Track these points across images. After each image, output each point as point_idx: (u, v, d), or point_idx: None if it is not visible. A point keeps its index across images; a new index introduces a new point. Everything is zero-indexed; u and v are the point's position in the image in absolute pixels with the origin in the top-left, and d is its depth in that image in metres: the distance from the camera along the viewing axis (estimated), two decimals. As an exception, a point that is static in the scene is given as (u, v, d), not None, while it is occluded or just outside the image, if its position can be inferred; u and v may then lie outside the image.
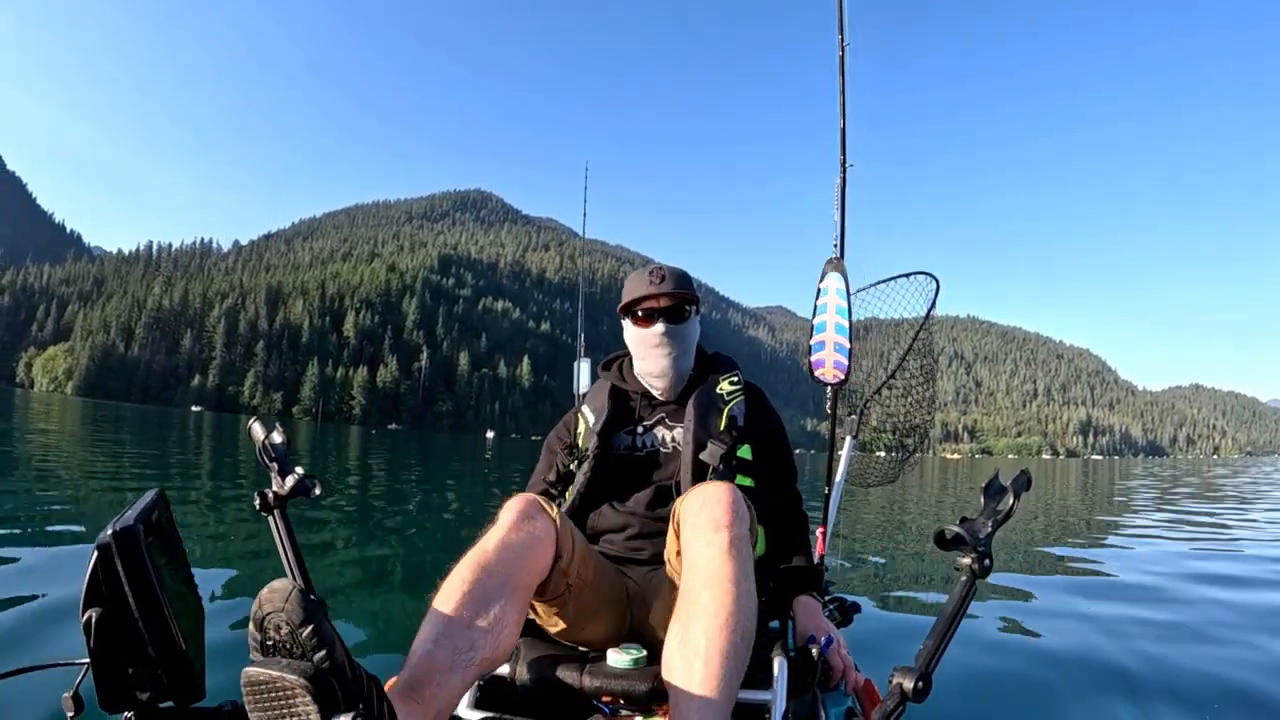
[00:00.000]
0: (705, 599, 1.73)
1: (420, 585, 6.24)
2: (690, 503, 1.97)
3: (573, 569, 1.98)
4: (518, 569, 1.79)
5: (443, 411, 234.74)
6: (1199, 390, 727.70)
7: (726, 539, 1.82)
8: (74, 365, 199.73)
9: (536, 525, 1.89)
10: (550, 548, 1.91)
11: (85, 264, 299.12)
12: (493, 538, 1.83)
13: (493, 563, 1.75)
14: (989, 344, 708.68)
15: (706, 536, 1.84)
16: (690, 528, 1.91)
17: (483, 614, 1.65)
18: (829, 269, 3.69)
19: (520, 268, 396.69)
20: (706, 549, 1.81)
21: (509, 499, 1.98)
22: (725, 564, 1.78)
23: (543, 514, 1.94)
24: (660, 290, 2.47)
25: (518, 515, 1.89)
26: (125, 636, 1.10)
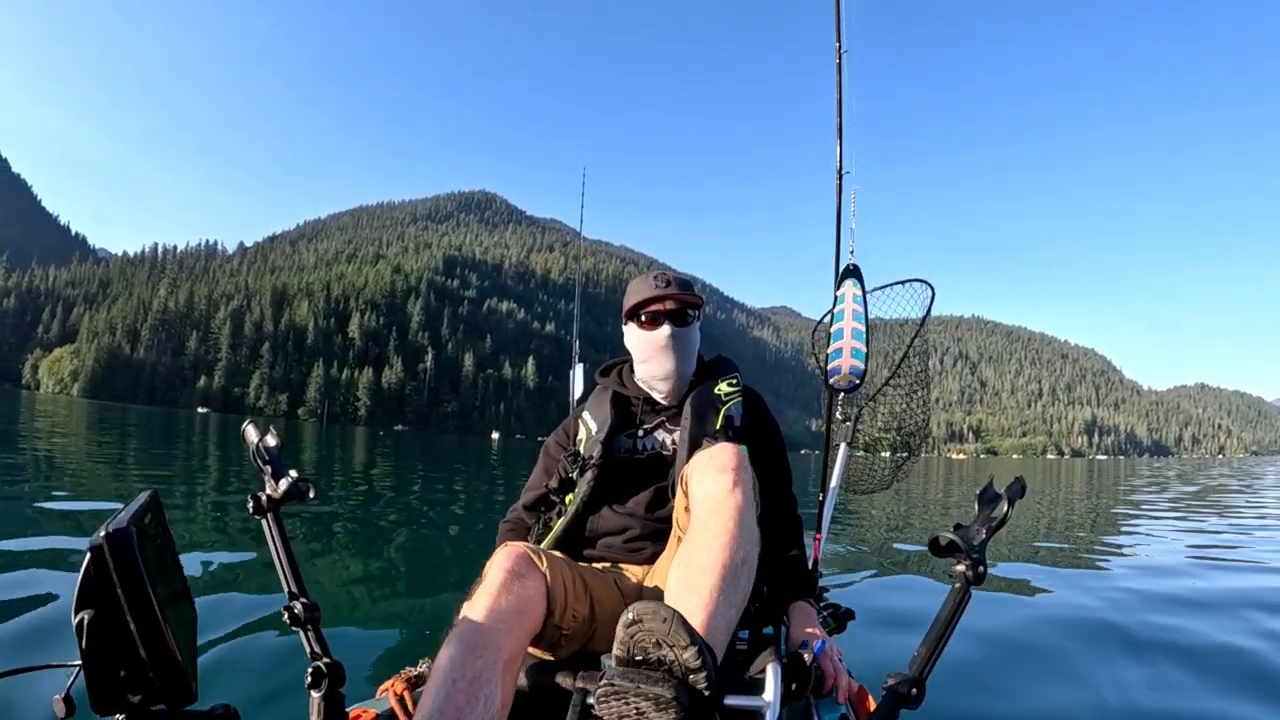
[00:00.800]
0: (710, 524, 1.80)
1: (426, 588, 6.35)
2: (699, 456, 2.07)
3: (566, 617, 1.97)
4: (506, 639, 1.76)
5: (448, 412, 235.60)
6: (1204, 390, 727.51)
7: (732, 479, 1.90)
8: (80, 367, 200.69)
9: (526, 585, 1.87)
10: (541, 606, 1.89)
11: (90, 266, 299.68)
12: (480, 605, 1.79)
13: (479, 641, 1.72)
14: (994, 344, 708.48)
15: (713, 477, 1.92)
16: (698, 473, 1.99)
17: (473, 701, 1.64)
18: (845, 275, 3.74)
19: (525, 269, 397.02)
20: (713, 486, 1.90)
21: (498, 551, 1.96)
22: (729, 497, 1.85)
23: (532, 570, 1.92)
24: (667, 293, 2.49)
25: (506, 575, 1.86)
26: (117, 639, 1.10)
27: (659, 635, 1.41)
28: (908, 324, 3.97)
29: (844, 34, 3.98)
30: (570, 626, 1.99)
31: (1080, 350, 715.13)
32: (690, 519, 1.94)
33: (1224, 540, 10.19)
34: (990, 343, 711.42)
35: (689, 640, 1.39)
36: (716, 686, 1.39)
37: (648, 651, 1.42)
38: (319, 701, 1.63)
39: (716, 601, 1.68)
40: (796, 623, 2.26)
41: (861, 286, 3.71)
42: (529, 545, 2.03)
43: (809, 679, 1.98)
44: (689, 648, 1.38)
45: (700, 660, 1.38)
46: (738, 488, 1.89)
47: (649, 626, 1.41)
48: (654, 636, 1.41)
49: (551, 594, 1.92)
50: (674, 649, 1.40)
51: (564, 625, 1.96)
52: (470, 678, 1.66)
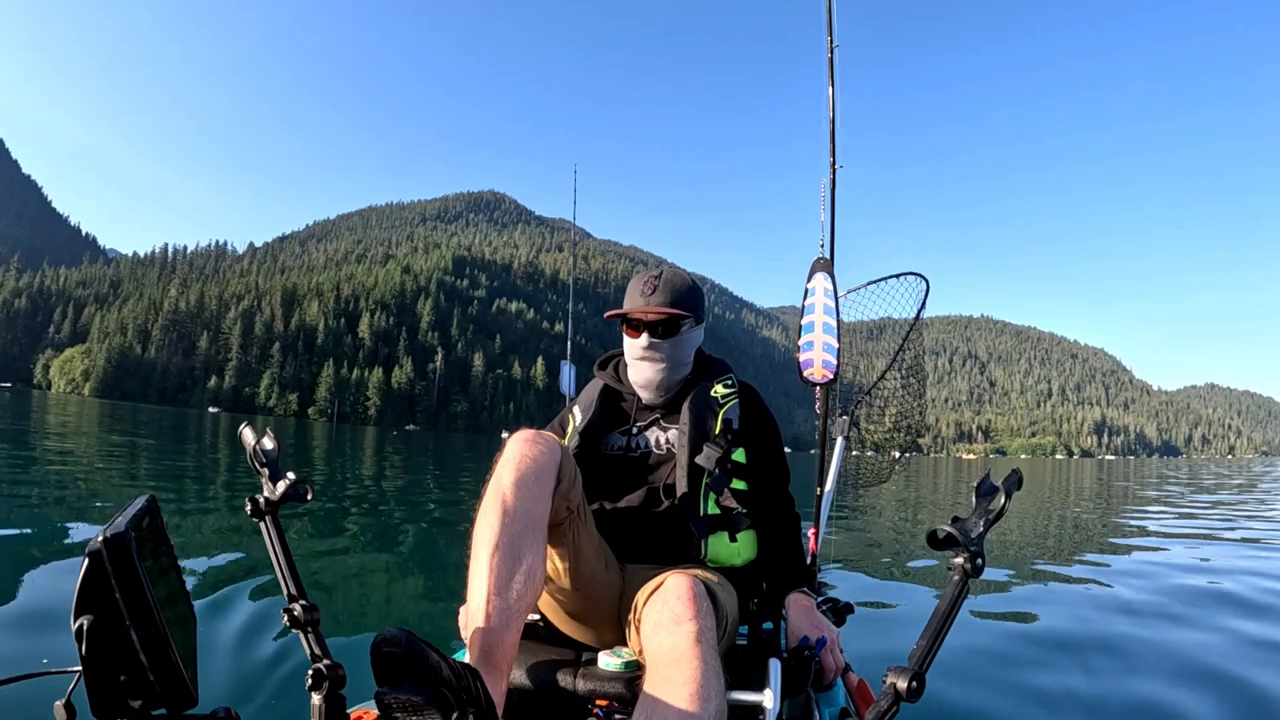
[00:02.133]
0: (673, 675, 1.68)
1: (428, 588, 6.55)
2: (651, 601, 1.94)
3: (573, 493, 2.01)
4: (535, 503, 1.83)
5: (457, 412, 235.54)
6: (1214, 390, 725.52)
7: (692, 630, 1.77)
8: (91, 367, 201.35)
9: (540, 449, 1.93)
10: (554, 469, 1.94)
11: (101, 267, 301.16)
12: (506, 475, 1.87)
13: (513, 505, 1.81)
14: (1003, 344, 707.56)
15: (669, 630, 1.80)
16: (652, 624, 1.87)
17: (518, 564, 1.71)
18: (816, 269, 3.74)
19: (534, 269, 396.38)
20: (670, 639, 1.78)
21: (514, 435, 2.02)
22: (692, 649, 1.73)
23: (544, 437, 1.99)
24: (649, 306, 2.44)
25: (524, 444, 1.94)
26: (117, 644, 1.10)
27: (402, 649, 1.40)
28: (902, 320, 4.07)
29: (836, 31, 4.12)
30: (575, 506, 2.03)
31: (1090, 350, 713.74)
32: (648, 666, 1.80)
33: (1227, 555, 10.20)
34: (999, 342, 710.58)
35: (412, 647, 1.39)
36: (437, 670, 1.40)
37: None
38: (319, 703, 1.64)
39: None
40: (796, 617, 2.25)
41: (832, 280, 3.70)
42: None
43: (809, 673, 1.98)
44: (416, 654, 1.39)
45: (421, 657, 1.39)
46: (699, 639, 1.75)
47: None
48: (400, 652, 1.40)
49: (563, 463, 1.97)
50: None
51: (570, 499, 2.00)
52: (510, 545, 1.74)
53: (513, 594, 1.72)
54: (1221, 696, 4.07)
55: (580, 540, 2.07)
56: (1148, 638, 5.32)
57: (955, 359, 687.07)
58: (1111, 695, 4.07)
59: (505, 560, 1.73)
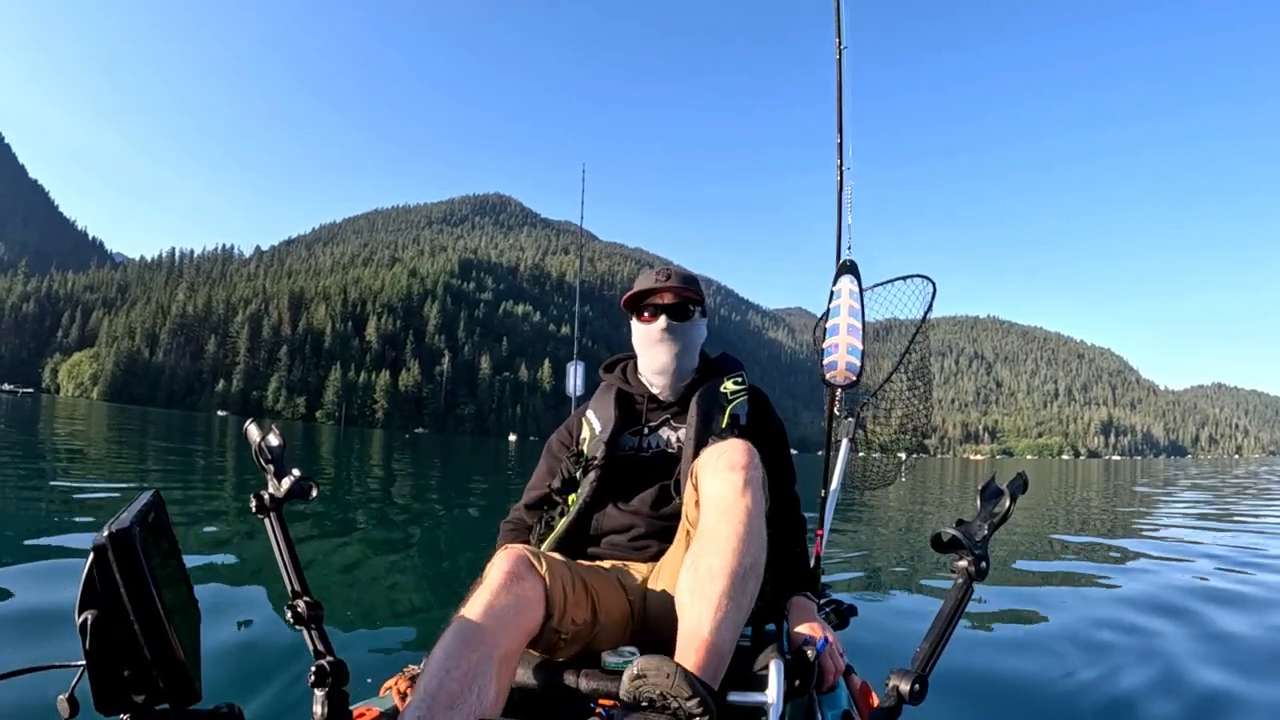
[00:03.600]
0: (720, 528, 1.82)
1: (430, 587, 6.62)
2: (709, 451, 2.08)
3: (565, 621, 1.97)
4: (504, 637, 1.77)
5: (464, 415, 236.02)
6: (1221, 389, 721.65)
7: (742, 478, 1.90)
8: (100, 371, 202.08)
9: (525, 587, 1.88)
10: (540, 608, 1.90)
11: (109, 271, 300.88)
12: (479, 602, 1.81)
13: (476, 635, 1.73)
14: (1009, 344, 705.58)
15: (723, 475, 1.92)
16: (708, 471, 1.99)
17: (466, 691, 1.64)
18: (842, 271, 3.76)
19: (540, 271, 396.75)
20: (722, 485, 1.90)
21: (498, 554, 1.98)
22: (739, 499, 1.86)
23: (532, 573, 1.93)
24: (665, 286, 2.51)
25: (505, 577, 1.88)
26: (121, 638, 1.10)
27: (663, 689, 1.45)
28: (908, 323, 4.09)
29: (844, 33, 4.08)
30: (569, 630, 1.98)
31: (1096, 350, 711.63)
32: (700, 517, 1.94)
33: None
34: (1006, 343, 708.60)
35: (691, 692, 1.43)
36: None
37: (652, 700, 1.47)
38: (322, 700, 1.64)
39: (724, 609, 1.72)
40: (799, 619, 2.26)
41: (858, 283, 3.72)
42: (529, 548, 2.03)
43: (812, 675, 1.98)
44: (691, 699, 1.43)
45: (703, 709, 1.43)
46: (748, 489, 1.89)
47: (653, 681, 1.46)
48: (658, 689, 1.46)
49: (550, 598, 1.92)
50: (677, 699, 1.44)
51: (562, 629, 1.96)
52: (465, 669, 1.65)
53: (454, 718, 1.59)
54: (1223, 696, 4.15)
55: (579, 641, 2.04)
56: (1151, 638, 5.36)
57: (962, 359, 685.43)
58: (1114, 697, 4.11)
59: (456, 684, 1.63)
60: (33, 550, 6.33)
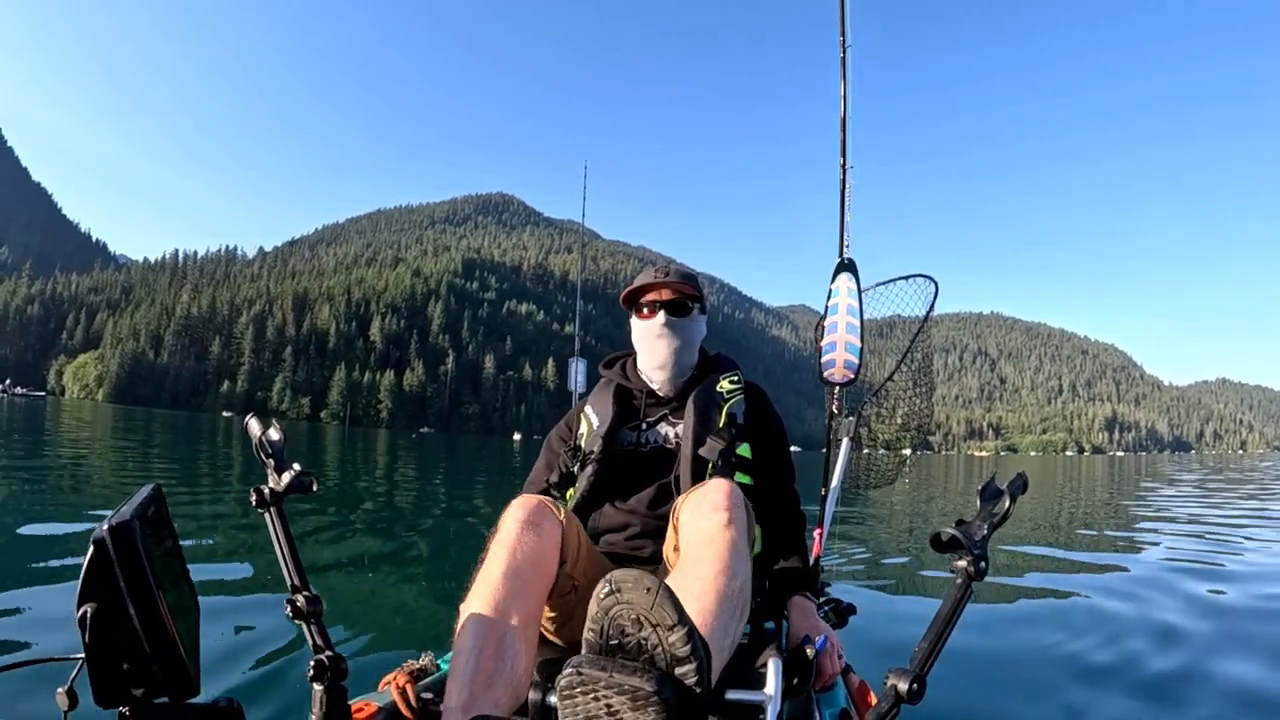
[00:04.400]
0: (703, 554, 1.75)
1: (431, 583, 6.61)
2: (689, 495, 2.01)
3: (578, 570, 1.99)
4: (526, 597, 1.79)
5: (469, 414, 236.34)
6: (1226, 384, 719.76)
7: (725, 517, 1.84)
8: (104, 372, 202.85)
9: (542, 532, 1.89)
10: (555, 555, 1.91)
11: (112, 273, 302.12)
12: (497, 562, 1.83)
13: (500, 603, 1.75)
14: (1013, 340, 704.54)
15: (705, 516, 1.86)
16: (689, 512, 1.93)
17: (503, 667, 1.65)
18: (840, 270, 3.82)
19: (543, 270, 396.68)
20: (704, 522, 1.84)
21: (514, 502, 1.99)
22: (723, 531, 1.80)
23: (549, 517, 1.94)
24: (664, 282, 2.53)
25: (522, 525, 1.89)
26: (120, 631, 1.10)
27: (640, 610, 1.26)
28: (910, 322, 4.13)
29: (848, 31, 4.13)
30: (581, 580, 2.00)
31: (1100, 346, 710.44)
32: (680, 554, 1.88)
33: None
34: (1010, 339, 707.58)
35: (675, 619, 1.24)
36: (708, 681, 1.27)
37: (625, 631, 1.27)
38: (321, 694, 1.64)
39: (712, 628, 1.58)
40: (797, 617, 2.26)
41: (856, 281, 3.78)
42: (542, 496, 2.07)
43: (810, 673, 1.98)
44: (675, 628, 1.24)
45: (689, 646, 1.24)
46: (731, 525, 1.83)
47: (628, 598, 1.27)
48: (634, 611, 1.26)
49: (565, 541, 1.95)
50: (657, 629, 1.25)
51: (575, 575, 1.98)
52: (494, 643, 1.67)
53: (495, 694, 1.64)
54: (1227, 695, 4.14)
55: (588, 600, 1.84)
56: (1156, 635, 5.36)
57: (965, 356, 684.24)
58: (1117, 695, 4.11)
59: (490, 661, 1.66)
60: (34, 549, 6.40)
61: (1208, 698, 4.10)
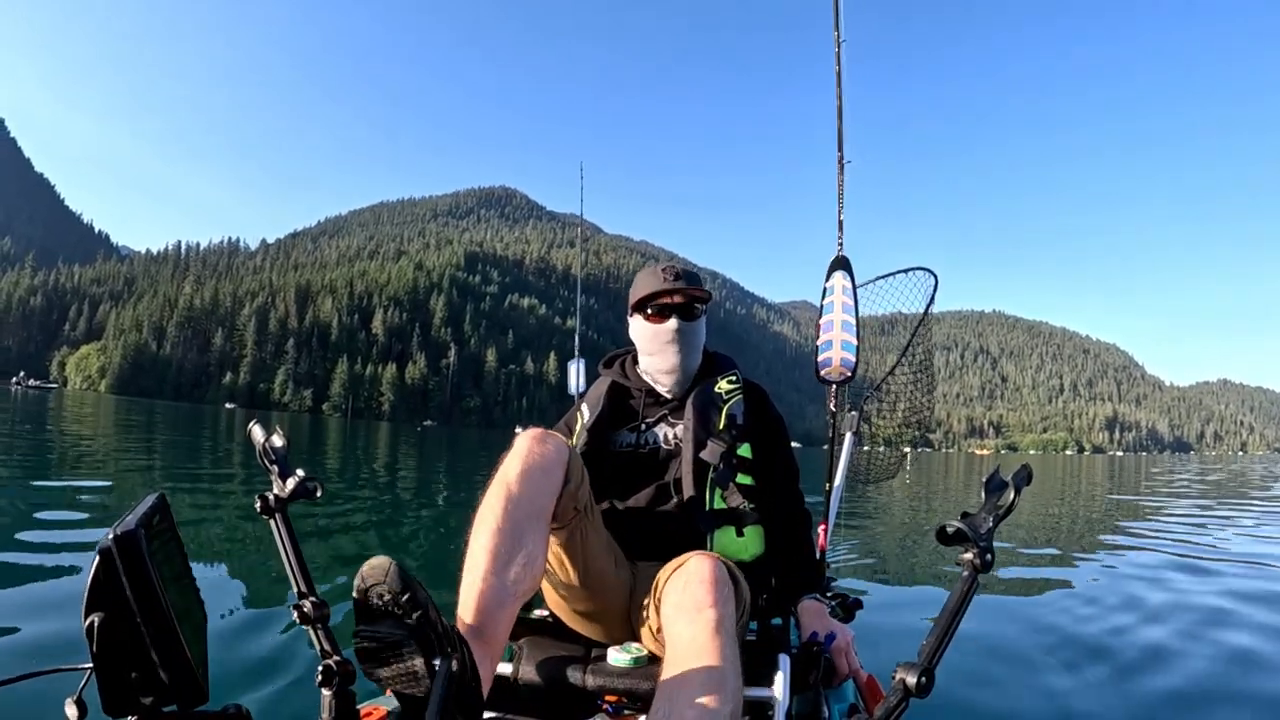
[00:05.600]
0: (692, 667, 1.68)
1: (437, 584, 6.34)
2: (673, 582, 1.93)
3: (581, 493, 2.03)
4: (539, 494, 1.86)
5: (471, 408, 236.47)
6: (1227, 385, 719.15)
7: (712, 618, 1.77)
8: (107, 364, 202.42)
9: (549, 448, 1.96)
10: (561, 468, 1.96)
11: (115, 264, 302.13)
12: (513, 467, 1.90)
13: (517, 494, 1.83)
14: (1015, 339, 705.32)
15: (689, 616, 1.79)
16: (672, 607, 1.86)
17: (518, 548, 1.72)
18: (835, 267, 3.79)
19: (546, 264, 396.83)
20: (690, 627, 1.77)
21: (522, 433, 2.04)
22: (711, 641, 1.73)
23: (553, 437, 2.02)
24: (675, 287, 2.49)
25: (533, 440, 1.97)
26: (128, 641, 1.11)
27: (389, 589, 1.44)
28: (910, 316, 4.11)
29: (843, 25, 4.07)
30: (582, 506, 2.05)
31: (1102, 345, 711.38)
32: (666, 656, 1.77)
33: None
34: (1011, 338, 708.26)
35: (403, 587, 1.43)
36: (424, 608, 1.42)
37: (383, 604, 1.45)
38: (329, 699, 1.65)
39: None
40: (805, 614, 2.28)
41: (851, 278, 3.76)
42: None
43: (818, 669, 1.99)
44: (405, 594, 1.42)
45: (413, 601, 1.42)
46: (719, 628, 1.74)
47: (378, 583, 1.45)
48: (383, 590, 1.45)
49: (571, 463, 2.01)
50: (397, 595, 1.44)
51: (577, 498, 2.02)
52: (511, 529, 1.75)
53: (510, 575, 1.72)
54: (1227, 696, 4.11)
55: (588, 539, 2.10)
56: (1158, 634, 5.30)
57: (967, 354, 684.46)
58: (1122, 690, 4.08)
59: (505, 543, 1.74)
60: (36, 550, 6.32)
61: (1210, 693, 4.11)
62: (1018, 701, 3.85)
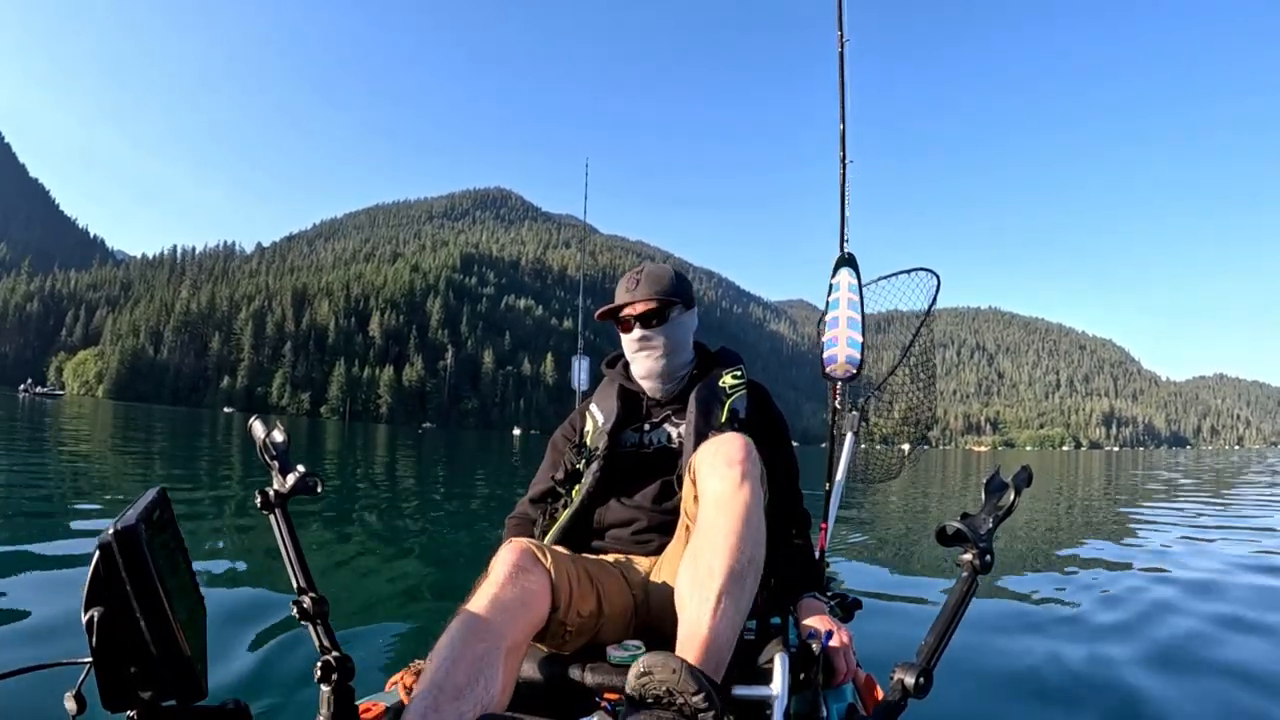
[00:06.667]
0: (718, 524, 1.81)
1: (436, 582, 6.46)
2: (706, 447, 2.06)
3: (571, 614, 1.98)
4: (510, 628, 1.77)
5: (468, 409, 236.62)
6: (1223, 380, 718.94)
7: (739, 472, 1.90)
8: (104, 369, 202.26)
9: (531, 579, 1.89)
10: (545, 601, 1.90)
11: (111, 269, 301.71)
12: (484, 595, 1.81)
13: (482, 627, 1.74)
14: (1011, 335, 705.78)
15: (720, 471, 1.92)
16: (706, 466, 1.98)
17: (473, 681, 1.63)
18: (840, 265, 3.83)
19: (542, 265, 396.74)
20: (720, 482, 1.89)
21: (503, 547, 1.98)
22: (737, 494, 1.85)
23: (537, 566, 1.94)
24: (634, 298, 2.49)
25: (511, 569, 1.88)
26: (127, 635, 1.10)
27: (669, 684, 1.45)
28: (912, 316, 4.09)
29: (846, 25, 4.10)
30: (575, 623, 2.00)
31: (1098, 341, 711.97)
32: (698, 512, 1.94)
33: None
34: (1007, 334, 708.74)
35: (697, 687, 1.43)
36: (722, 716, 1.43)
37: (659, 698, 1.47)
38: (328, 695, 1.65)
39: (724, 605, 1.72)
40: (804, 613, 2.28)
41: (857, 276, 3.78)
42: (534, 541, 2.04)
43: (817, 668, 1.99)
44: (697, 694, 1.43)
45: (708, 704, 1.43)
46: (745, 482, 1.89)
47: (659, 678, 1.46)
48: (664, 686, 1.46)
49: (556, 590, 1.93)
50: (683, 695, 1.44)
51: (569, 622, 1.97)
52: (471, 659, 1.65)
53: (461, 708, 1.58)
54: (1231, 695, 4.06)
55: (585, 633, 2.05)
56: (1160, 632, 5.28)
57: (963, 351, 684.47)
58: (1122, 692, 4.03)
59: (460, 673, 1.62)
60: (38, 549, 6.37)
61: (1211, 691, 4.09)
62: (1017, 702, 3.84)
